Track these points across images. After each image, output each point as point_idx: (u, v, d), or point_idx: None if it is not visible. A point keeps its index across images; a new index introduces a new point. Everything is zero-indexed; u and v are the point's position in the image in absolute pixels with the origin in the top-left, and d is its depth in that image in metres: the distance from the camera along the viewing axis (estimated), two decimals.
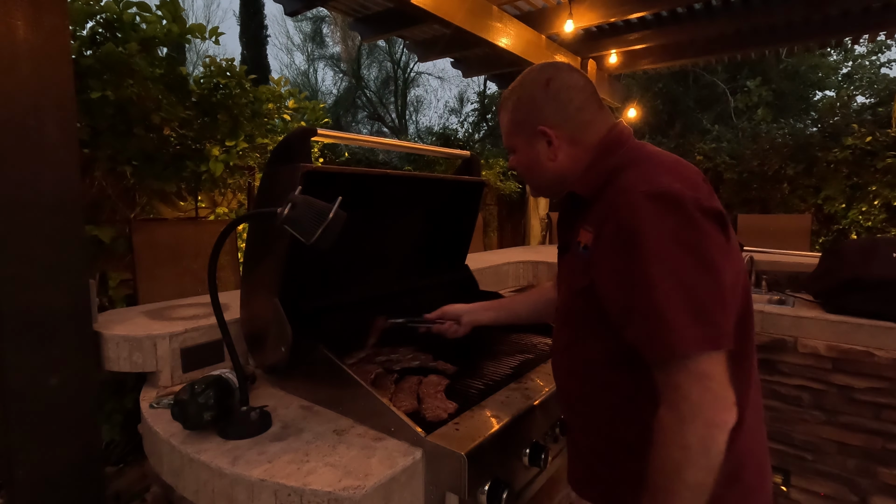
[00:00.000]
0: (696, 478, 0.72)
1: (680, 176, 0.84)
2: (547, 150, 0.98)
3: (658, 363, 0.77)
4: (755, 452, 0.92)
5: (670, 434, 0.74)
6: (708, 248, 0.77)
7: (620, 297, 0.81)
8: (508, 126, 1.04)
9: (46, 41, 1.26)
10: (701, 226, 0.77)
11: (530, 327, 1.77)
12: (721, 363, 0.74)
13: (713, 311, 0.74)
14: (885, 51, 10.90)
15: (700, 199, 0.79)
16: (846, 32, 4.57)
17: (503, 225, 7.42)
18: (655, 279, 0.75)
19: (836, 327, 2.03)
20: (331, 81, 27.40)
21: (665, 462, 0.74)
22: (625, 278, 0.79)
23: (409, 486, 1.00)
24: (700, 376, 0.73)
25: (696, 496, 0.73)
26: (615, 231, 0.81)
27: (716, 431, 0.72)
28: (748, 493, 0.90)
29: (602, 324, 0.86)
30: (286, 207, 1.02)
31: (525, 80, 1.02)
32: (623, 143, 0.95)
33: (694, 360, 0.73)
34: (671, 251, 0.75)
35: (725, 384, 0.74)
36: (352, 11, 4.34)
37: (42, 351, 1.26)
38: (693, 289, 0.74)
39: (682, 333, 0.72)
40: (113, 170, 2.00)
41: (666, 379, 0.76)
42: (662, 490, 0.75)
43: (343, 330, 1.53)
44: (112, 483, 1.70)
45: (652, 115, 10.51)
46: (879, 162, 5.34)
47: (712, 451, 0.72)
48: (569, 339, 0.99)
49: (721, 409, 0.73)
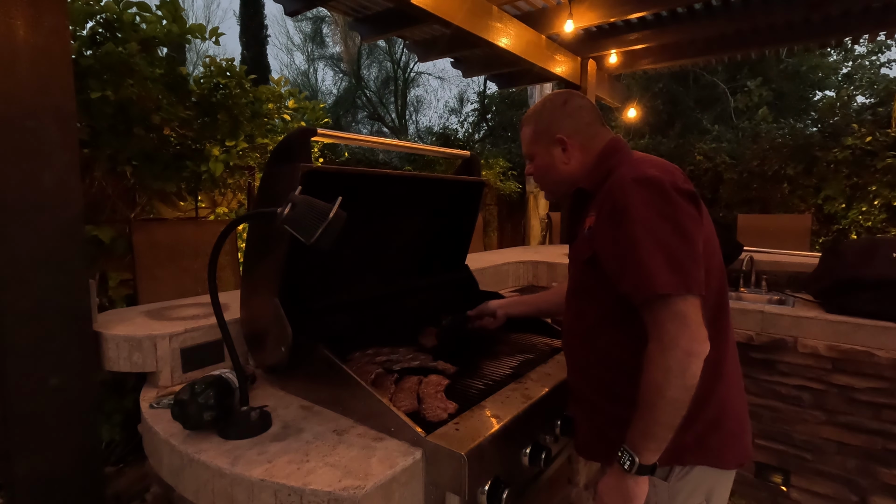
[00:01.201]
0: (675, 395, 0.91)
1: (659, 167, 1.06)
2: (562, 155, 1.20)
3: (645, 305, 0.95)
4: (734, 404, 1.11)
5: (654, 360, 0.93)
6: (682, 217, 0.97)
7: (617, 257, 1.01)
8: (531, 137, 1.25)
9: (46, 41, 1.26)
10: (675, 201, 0.98)
11: (530, 327, 1.77)
12: (695, 305, 0.93)
13: (686, 263, 0.94)
14: (885, 51, 10.89)
15: (676, 182, 1.00)
16: (846, 32, 4.56)
17: (503, 225, 7.43)
18: (640, 240, 0.95)
19: (836, 327, 2.03)
20: (331, 81, 27.43)
21: (650, 382, 0.93)
22: (618, 242, 0.99)
23: (409, 486, 1.00)
24: (677, 313, 0.92)
25: (674, 410, 0.92)
26: (611, 209, 1.02)
27: (692, 358, 0.91)
28: (730, 438, 1.08)
29: (602, 289, 1.06)
30: (286, 207, 1.02)
31: (546, 101, 1.26)
32: (620, 150, 1.17)
33: (672, 300, 0.92)
34: (652, 219, 0.96)
35: (699, 322, 0.93)
36: (352, 11, 4.33)
37: (42, 351, 1.26)
38: (669, 246, 0.94)
39: (662, 279, 0.92)
40: (113, 170, 2.00)
41: (651, 318, 0.95)
42: (647, 405, 0.94)
43: (343, 330, 1.53)
44: (112, 483, 1.70)
45: (652, 115, 10.50)
46: (879, 162, 5.34)
47: (687, 374, 0.90)
48: (578, 308, 1.20)
49: (695, 341, 0.91)
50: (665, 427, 0.93)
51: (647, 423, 0.94)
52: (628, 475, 0.97)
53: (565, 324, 1.26)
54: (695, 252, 0.96)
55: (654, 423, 0.94)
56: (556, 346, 1.61)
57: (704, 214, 1.06)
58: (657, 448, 0.95)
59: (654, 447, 0.95)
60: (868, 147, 5.44)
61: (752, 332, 2.22)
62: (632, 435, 0.97)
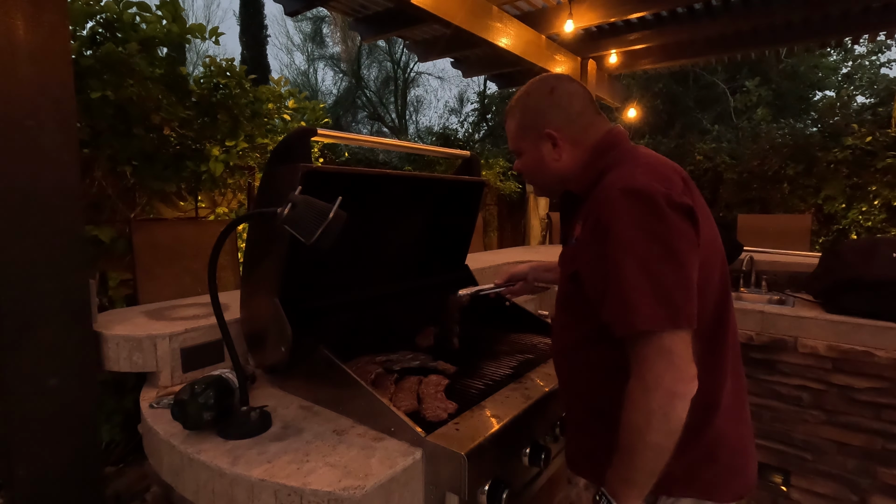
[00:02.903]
0: (656, 440, 0.82)
1: (656, 173, 0.92)
2: (552, 151, 1.06)
3: (627, 339, 0.86)
4: (734, 436, 0.99)
5: (636, 400, 0.83)
6: (673, 238, 0.85)
7: (597, 281, 0.90)
8: (516, 131, 1.11)
9: (46, 41, 1.26)
10: (667, 218, 0.85)
11: (531, 327, 1.77)
12: (683, 340, 0.83)
13: (675, 293, 0.83)
14: (885, 51, 10.90)
15: (671, 195, 0.87)
16: (846, 32, 4.57)
17: (503, 225, 7.43)
18: (623, 266, 0.84)
19: (836, 327, 2.03)
20: (331, 81, 27.39)
21: (630, 424, 0.84)
22: (600, 265, 0.88)
23: (409, 486, 1.00)
24: (662, 351, 0.82)
25: (657, 456, 0.83)
26: (595, 224, 0.90)
27: (675, 400, 0.81)
28: (727, 473, 0.98)
29: (586, 306, 0.95)
30: (286, 207, 1.02)
31: (530, 90, 1.10)
32: (616, 145, 1.03)
33: (658, 336, 0.82)
34: (639, 241, 0.84)
35: (687, 359, 0.82)
36: (352, 11, 4.34)
37: (42, 351, 1.26)
38: (656, 274, 0.83)
39: (646, 312, 0.81)
40: (113, 170, 2.00)
41: (634, 353, 0.85)
42: (627, 448, 0.85)
43: (343, 330, 1.53)
44: (112, 483, 1.70)
45: (652, 115, 10.50)
46: (879, 162, 5.34)
47: (671, 417, 0.81)
48: (563, 321, 1.10)
49: (680, 381, 0.81)
50: (646, 473, 0.85)
51: (627, 468, 0.86)
52: None
53: (553, 330, 1.17)
54: (686, 279, 0.84)
55: (634, 469, 0.85)
56: None
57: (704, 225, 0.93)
58: (638, 495, 0.87)
59: (635, 494, 0.87)
60: (868, 147, 5.44)
61: (752, 332, 2.22)
62: (610, 478, 0.89)
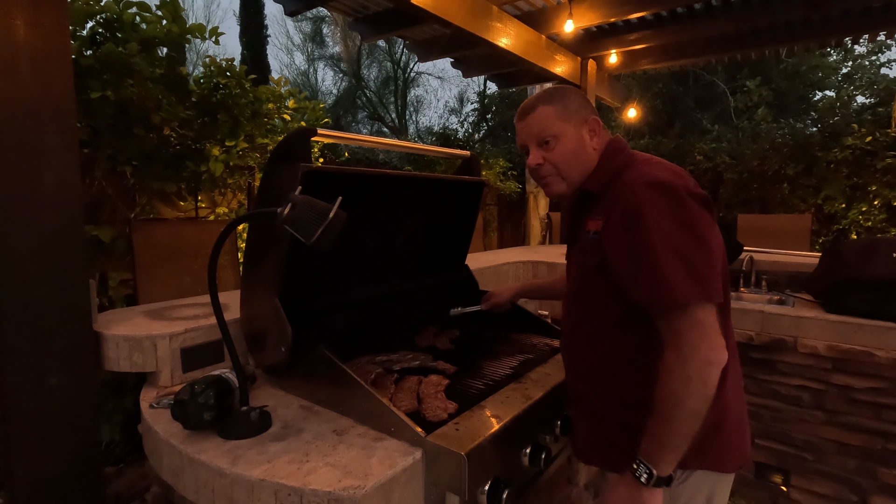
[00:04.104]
0: (694, 405, 0.89)
1: (670, 170, 1.04)
2: (590, 140, 1.14)
3: (662, 314, 0.93)
4: (735, 409, 1.08)
5: (673, 370, 0.90)
6: (698, 222, 0.95)
7: (630, 265, 0.97)
8: (555, 115, 1.12)
9: (46, 41, 1.26)
10: (690, 206, 0.95)
11: (531, 327, 1.77)
12: (712, 313, 0.91)
13: (703, 270, 0.92)
14: (885, 51, 10.87)
15: (689, 186, 0.99)
16: (846, 32, 4.56)
17: (503, 225, 7.43)
18: (657, 248, 0.92)
19: (836, 327, 2.03)
20: (331, 81, 27.40)
21: (669, 393, 0.90)
22: (633, 250, 0.96)
23: (409, 486, 1.00)
24: (696, 322, 0.90)
25: (693, 420, 0.90)
26: (622, 215, 0.99)
27: (711, 367, 0.89)
28: (729, 444, 1.07)
29: (609, 295, 1.04)
30: (286, 207, 1.02)
31: (560, 87, 1.19)
32: (622, 150, 1.14)
33: (691, 309, 0.90)
34: (668, 225, 0.93)
35: (717, 330, 0.91)
36: (352, 11, 4.33)
37: (42, 351, 1.26)
38: (687, 254, 0.92)
39: (681, 288, 0.89)
40: (113, 170, 2.00)
41: (668, 326, 0.93)
42: (665, 415, 0.91)
43: (343, 330, 1.53)
44: (112, 483, 1.70)
45: (652, 115, 10.49)
46: (879, 162, 5.34)
47: (708, 383, 0.89)
48: (580, 313, 1.16)
49: (713, 349, 0.90)
50: (683, 438, 0.91)
51: (665, 434, 0.92)
52: (644, 488, 0.94)
53: (565, 327, 1.23)
54: (712, 258, 0.94)
55: (673, 434, 0.91)
56: (556, 346, 1.61)
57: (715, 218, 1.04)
58: (674, 459, 0.92)
59: (671, 458, 0.92)
60: (868, 147, 5.44)
61: (752, 332, 2.22)
62: (648, 446, 0.94)
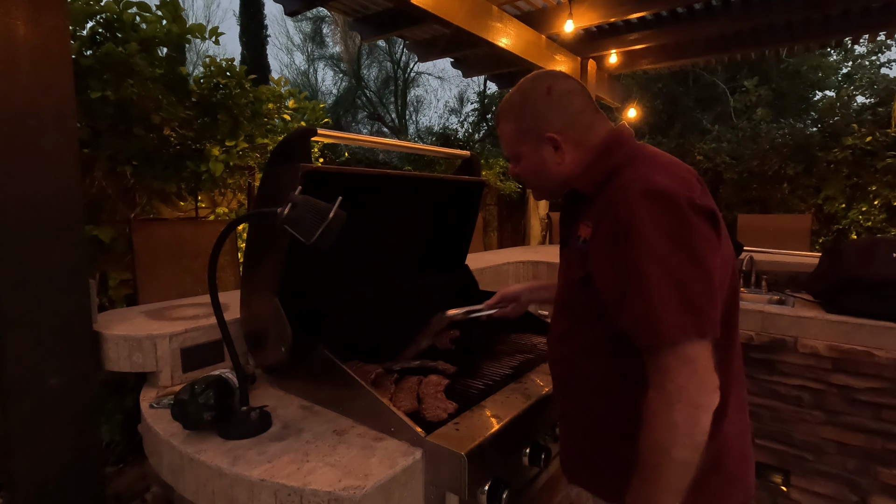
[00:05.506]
0: (683, 455, 0.77)
1: (675, 175, 0.87)
2: (554, 155, 1.01)
3: (648, 349, 0.81)
4: (738, 443, 0.96)
5: (658, 414, 0.78)
6: (698, 243, 0.81)
7: (615, 286, 0.84)
8: (513, 135, 1.05)
9: (46, 41, 1.26)
10: (692, 222, 0.81)
11: (531, 327, 1.77)
12: (706, 350, 0.79)
13: (700, 301, 0.79)
14: (885, 51, 10.87)
15: (693, 198, 0.83)
16: (846, 32, 4.57)
17: (503, 225, 7.42)
18: (647, 271, 0.79)
19: (836, 327, 2.03)
20: (331, 81, 27.40)
21: (654, 441, 0.78)
22: (619, 269, 0.83)
23: (409, 486, 1.00)
24: (686, 361, 0.77)
25: (683, 472, 0.78)
26: (612, 225, 0.85)
27: (700, 412, 0.76)
28: (731, 481, 0.94)
29: (596, 312, 0.90)
30: (286, 207, 1.02)
31: (524, 90, 1.03)
32: (623, 143, 0.97)
33: (681, 346, 0.77)
34: (663, 245, 0.79)
35: (710, 369, 0.78)
36: (352, 11, 4.34)
37: (42, 351, 1.26)
38: (682, 280, 0.78)
39: (671, 321, 0.77)
40: (113, 170, 2.00)
41: (655, 363, 0.80)
42: (651, 467, 0.79)
43: (343, 330, 1.53)
44: (112, 483, 1.70)
45: (652, 115, 10.49)
46: (879, 162, 5.34)
47: (697, 431, 0.76)
48: (566, 327, 1.03)
49: (705, 392, 0.77)
50: (672, 492, 0.78)
51: (652, 488, 0.79)
52: None
53: (551, 335, 1.10)
54: (710, 286, 0.80)
55: (660, 490, 0.79)
56: None
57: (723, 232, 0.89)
58: None
59: None
60: (868, 147, 5.43)
61: (752, 332, 2.22)
62: (633, 502, 0.83)
